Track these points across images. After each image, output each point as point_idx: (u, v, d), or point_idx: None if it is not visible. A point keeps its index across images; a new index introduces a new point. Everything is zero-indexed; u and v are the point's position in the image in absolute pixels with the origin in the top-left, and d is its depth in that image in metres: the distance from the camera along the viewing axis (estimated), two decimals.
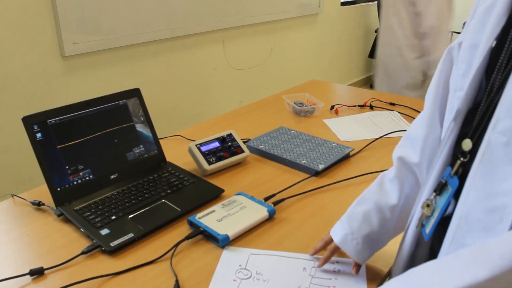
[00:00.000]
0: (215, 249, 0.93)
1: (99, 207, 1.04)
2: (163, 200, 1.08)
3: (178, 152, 1.36)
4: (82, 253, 0.90)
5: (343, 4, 4.27)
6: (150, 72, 2.64)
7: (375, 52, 2.76)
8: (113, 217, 1.01)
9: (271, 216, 1.03)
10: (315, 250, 0.89)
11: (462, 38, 0.70)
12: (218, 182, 1.18)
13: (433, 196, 0.66)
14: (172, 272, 0.86)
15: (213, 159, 1.23)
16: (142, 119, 1.22)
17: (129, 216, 1.01)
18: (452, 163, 0.65)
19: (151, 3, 2.48)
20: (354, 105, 1.77)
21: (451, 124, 0.65)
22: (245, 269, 0.87)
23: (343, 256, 0.90)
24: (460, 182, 0.61)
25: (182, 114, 2.92)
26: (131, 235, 0.95)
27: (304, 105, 1.69)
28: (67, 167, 1.07)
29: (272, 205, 1.05)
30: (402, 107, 1.75)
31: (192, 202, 1.07)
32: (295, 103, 1.69)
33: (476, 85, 0.63)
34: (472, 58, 0.63)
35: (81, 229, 0.97)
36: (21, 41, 2.02)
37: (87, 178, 1.10)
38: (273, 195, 1.11)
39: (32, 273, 0.85)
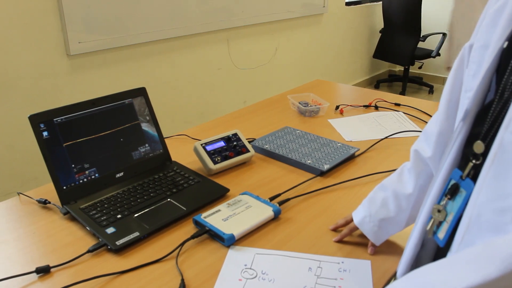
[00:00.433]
0: (221, 248, 0.93)
1: (105, 205, 1.04)
2: (168, 199, 1.08)
3: (183, 151, 1.36)
4: (88, 251, 0.91)
5: (347, 4, 4.26)
6: (154, 72, 2.64)
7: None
8: (118, 216, 1.01)
9: (277, 215, 1.02)
10: (336, 225, 0.99)
11: (473, 39, 0.69)
12: (223, 181, 1.18)
13: (445, 201, 0.65)
14: (178, 271, 0.86)
15: (219, 158, 1.23)
16: (147, 118, 1.22)
17: (135, 215, 1.02)
18: (461, 165, 0.64)
19: (156, 2, 2.48)
20: (359, 105, 1.77)
21: (460, 124, 0.65)
22: (250, 268, 0.86)
23: (349, 256, 0.90)
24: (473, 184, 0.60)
25: (186, 113, 2.92)
26: (136, 234, 0.95)
27: (309, 105, 1.68)
28: (73, 165, 1.08)
29: (278, 205, 1.05)
30: (407, 108, 1.74)
31: (197, 201, 1.07)
32: (300, 103, 1.69)
33: (486, 85, 0.62)
34: (482, 58, 0.63)
35: (87, 227, 0.98)
36: (27, 40, 2.03)
37: (93, 177, 1.10)
38: (278, 195, 1.11)
39: (39, 271, 0.85)
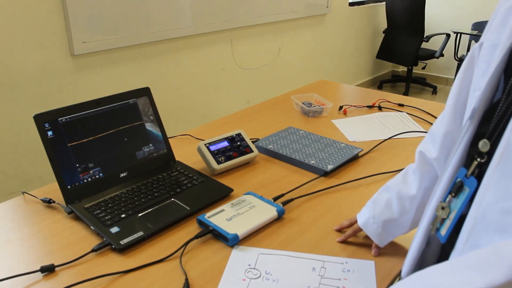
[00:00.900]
0: (224, 248, 0.93)
1: (109, 205, 1.05)
2: (172, 199, 1.08)
3: (187, 151, 1.36)
4: (92, 250, 0.91)
5: (351, 4, 4.26)
6: (158, 72, 2.65)
7: None
8: (122, 215, 1.01)
9: (280, 216, 1.03)
10: (341, 226, 0.98)
11: (483, 39, 0.70)
12: (227, 181, 1.19)
13: (449, 198, 0.66)
14: (182, 271, 0.86)
15: (222, 158, 1.23)
16: (151, 118, 1.23)
17: (139, 215, 1.02)
18: (467, 164, 0.64)
19: (160, 2, 2.49)
20: (363, 106, 1.77)
21: (467, 123, 0.65)
22: (254, 268, 0.87)
23: (353, 257, 0.90)
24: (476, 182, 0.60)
25: (189, 113, 2.92)
26: (140, 233, 0.95)
27: (313, 106, 1.68)
28: (77, 165, 1.08)
29: (281, 205, 1.05)
30: (411, 108, 1.74)
31: (201, 201, 1.07)
32: (303, 103, 1.69)
33: (494, 84, 0.62)
34: (491, 57, 0.63)
35: (91, 227, 0.98)
36: (32, 40, 2.04)
37: (97, 176, 1.11)
38: (282, 195, 1.11)
39: (43, 270, 0.85)
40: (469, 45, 4.46)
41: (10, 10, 1.94)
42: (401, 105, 1.78)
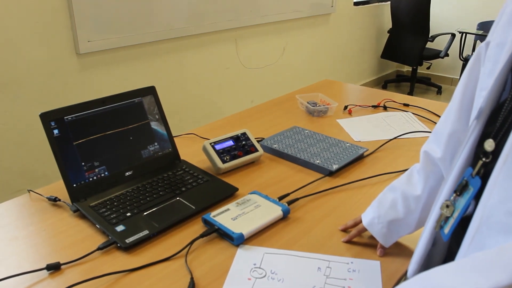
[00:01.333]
0: (230, 247, 0.93)
1: (114, 203, 1.05)
2: (177, 198, 1.08)
3: (192, 150, 1.37)
4: (98, 249, 0.91)
5: (356, 4, 4.25)
6: (163, 71, 2.65)
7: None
8: (128, 214, 1.01)
9: (286, 215, 1.02)
10: (346, 226, 0.98)
11: (490, 38, 0.69)
12: (232, 180, 1.19)
13: (453, 197, 0.65)
14: (187, 270, 0.86)
15: (227, 157, 1.23)
16: (157, 117, 1.23)
17: (144, 213, 1.02)
18: (473, 163, 0.64)
19: (165, 1, 2.49)
20: (368, 106, 1.77)
21: (473, 122, 0.65)
22: (259, 268, 0.87)
23: (358, 257, 0.90)
24: (481, 182, 0.60)
25: (193, 112, 2.92)
26: (146, 232, 0.95)
27: (318, 105, 1.68)
28: (83, 163, 1.08)
29: (286, 205, 1.04)
30: (416, 108, 1.73)
31: (206, 200, 1.07)
32: (308, 102, 1.69)
33: (501, 84, 0.62)
34: (498, 57, 0.63)
35: (97, 225, 0.98)
36: (37, 39, 2.04)
37: (103, 175, 1.11)
38: (287, 195, 1.11)
39: (49, 267, 0.86)
40: (474, 45, 4.45)
41: (16, 9, 1.94)
42: (406, 105, 1.77)
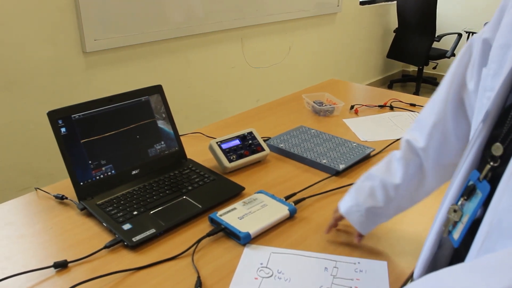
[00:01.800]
0: (236, 246, 0.93)
1: (121, 202, 1.05)
2: (184, 197, 1.08)
3: (198, 149, 1.36)
4: (105, 247, 0.91)
5: (362, 3, 4.23)
6: (168, 69, 2.65)
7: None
8: (134, 213, 1.01)
9: (292, 215, 1.02)
10: (329, 227, 0.96)
11: (487, 35, 0.69)
12: (238, 180, 1.18)
13: (461, 202, 0.65)
14: (194, 269, 0.86)
15: (234, 156, 1.23)
16: (163, 115, 1.23)
17: (151, 212, 1.02)
18: (479, 167, 0.63)
19: (171, 0, 2.49)
20: (374, 105, 1.76)
21: (480, 125, 0.64)
22: (266, 267, 0.86)
23: (365, 257, 0.89)
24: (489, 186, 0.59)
25: (199, 111, 2.93)
26: (152, 230, 0.95)
27: (324, 105, 1.68)
28: (90, 162, 1.08)
29: (293, 204, 1.04)
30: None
31: (213, 199, 1.07)
32: (314, 102, 1.69)
33: (508, 86, 0.61)
34: (503, 58, 0.62)
35: (104, 223, 0.98)
36: (44, 37, 2.05)
37: (109, 173, 1.11)
38: (294, 194, 1.11)
39: (56, 265, 0.86)
40: None
41: (23, 7, 1.95)
42: (413, 105, 1.76)
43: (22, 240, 0.95)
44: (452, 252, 0.73)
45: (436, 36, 4.27)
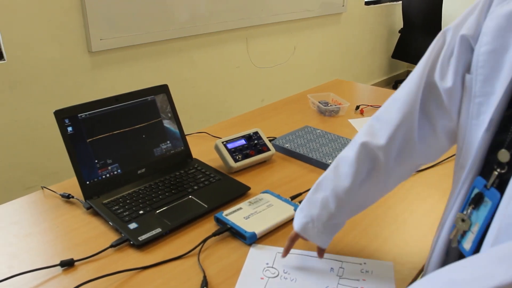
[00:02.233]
0: (242, 246, 0.93)
1: (127, 201, 1.05)
2: (190, 196, 1.08)
3: (203, 149, 1.37)
4: (111, 246, 0.92)
5: (367, 3, 4.22)
6: (173, 69, 2.66)
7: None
8: (140, 212, 1.02)
9: None
10: (287, 248, 0.88)
11: (466, 32, 0.66)
12: (244, 180, 1.18)
13: (469, 210, 0.64)
14: (200, 268, 0.86)
15: (239, 156, 1.23)
16: (169, 115, 1.23)
17: (157, 211, 1.02)
18: (484, 173, 0.62)
19: (176, 0, 2.49)
20: (380, 106, 1.75)
21: (484, 134, 0.62)
22: (272, 267, 0.86)
23: (371, 257, 0.89)
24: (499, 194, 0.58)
25: (204, 111, 2.93)
26: (158, 230, 0.96)
27: (329, 105, 1.67)
28: (96, 161, 1.09)
29: (299, 204, 1.04)
30: None
31: (218, 199, 1.07)
32: (320, 102, 1.68)
33: (510, 91, 0.60)
34: (497, 63, 0.61)
35: (110, 222, 0.98)
36: (50, 37, 2.06)
37: (115, 173, 1.11)
38: (299, 194, 1.11)
39: (63, 264, 0.86)
40: None
41: (29, 6, 1.96)
42: None
43: (28, 239, 0.96)
44: (458, 258, 0.72)
45: None
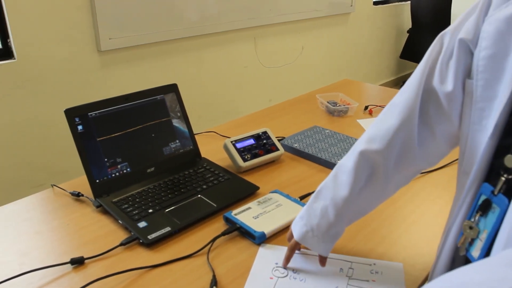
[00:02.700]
0: (251, 246, 0.93)
1: (136, 200, 1.06)
2: (199, 195, 1.08)
3: (212, 148, 1.37)
4: (121, 244, 0.92)
5: (375, 3, 4.21)
6: (182, 68, 2.66)
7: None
8: (150, 210, 1.02)
9: None
10: (287, 258, 0.87)
11: (465, 36, 0.66)
12: (253, 179, 1.18)
13: (477, 217, 0.63)
14: (209, 267, 0.86)
15: (248, 156, 1.23)
16: (178, 114, 1.23)
17: (166, 210, 1.02)
18: (490, 179, 0.62)
19: (185, 0, 2.50)
20: None
21: (488, 140, 0.61)
22: (281, 267, 0.86)
23: (381, 258, 0.89)
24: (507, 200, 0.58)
25: (212, 110, 2.93)
26: (168, 228, 0.96)
27: (338, 105, 1.67)
28: (105, 159, 1.09)
29: None
30: None
31: (227, 198, 1.08)
32: (328, 102, 1.68)
33: None
34: (499, 68, 0.60)
35: (119, 221, 0.99)
36: (59, 36, 2.07)
37: (125, 171, 1.12)
38: (308, 194, 1.10)
39: (73, 262, 0.87)
40: None
41: (39, 6, 1.97)
42: None
43: (39, 236, 0.96)
44: (464, 263, 0.71)
45: None
